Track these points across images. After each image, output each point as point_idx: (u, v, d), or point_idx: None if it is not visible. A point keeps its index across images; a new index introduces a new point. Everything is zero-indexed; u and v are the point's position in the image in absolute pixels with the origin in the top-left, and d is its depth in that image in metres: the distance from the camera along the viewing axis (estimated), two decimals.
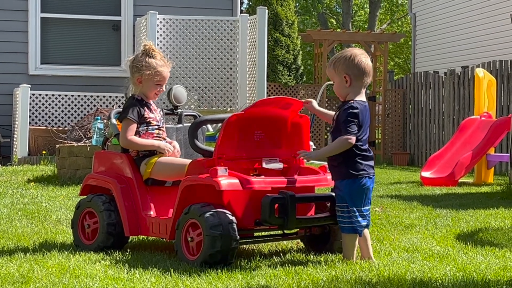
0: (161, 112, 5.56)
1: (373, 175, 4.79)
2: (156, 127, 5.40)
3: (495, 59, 14.81)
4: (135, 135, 5.31)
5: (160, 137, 5.42)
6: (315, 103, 5.01)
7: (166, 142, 5.41)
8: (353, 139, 4.62)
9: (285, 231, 5.11)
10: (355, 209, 4.69)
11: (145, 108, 5.38)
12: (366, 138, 4.76)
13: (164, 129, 5.51)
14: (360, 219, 4.70)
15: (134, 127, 5.30)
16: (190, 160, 5.08)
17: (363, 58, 4.74)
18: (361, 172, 4.69)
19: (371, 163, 4.77)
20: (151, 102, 5.47)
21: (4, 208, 7.46)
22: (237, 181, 4.68)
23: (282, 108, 5.03)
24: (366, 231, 4.80)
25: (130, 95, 5.46)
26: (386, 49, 18.25)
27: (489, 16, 19.12)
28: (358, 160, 4.69)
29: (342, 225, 4.75)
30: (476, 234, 6.09)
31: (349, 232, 4.73)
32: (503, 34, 17.73)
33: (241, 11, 16.41)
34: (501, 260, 4.82)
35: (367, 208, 4.77)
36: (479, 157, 11.19)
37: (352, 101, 4.69)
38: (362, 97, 4.75)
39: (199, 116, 5.55)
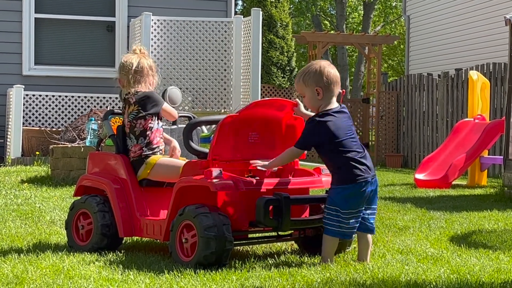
0: None
1: (372, 178, 4.73)
2: (162, 124, 5.54)
3: (489, 62, 14.84)
4: (148, 130, 5.36)
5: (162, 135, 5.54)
6: (301, 106, 5.02)
7: (165, 140, 5.50)
8: (298, 151, 4.73)
9: (280, 233, 5.11)
10: (346, 211, 4.67)
11: None
12: (353, 141, 4.72)
13: None
14: (351, 221, 4.68)
15: None
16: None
17: (331, 69, 4.81)
18: (358, 178, 4.67)
19: (368, 164, 4.72)
20: None
21: None
22: (231, 182, 4.68)
23: (277, 109, 5.04)
24: (369, 236, 4.81)
25: (133, 92, 5.43)
26: (380, 51, 18.28)
27: (483, 19, 19.16)
28: (352, 166, 4.67)
29: (328, 227, 4.72)
30: (469, 236, 6.10)
31: (333, 236, 4.71)
32: (497, 36, 17.76)
33: (236, 13, 16.43)
34: (495, 262, 4.83)
35: (368, 212, 4.77)
36: (472, 159, 11.21)
37: (319, 115, 4.73)
38: (333, 105, 4.78)
39: (194, 118, 5.56)
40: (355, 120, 18.26)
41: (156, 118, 5.43)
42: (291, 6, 37.73)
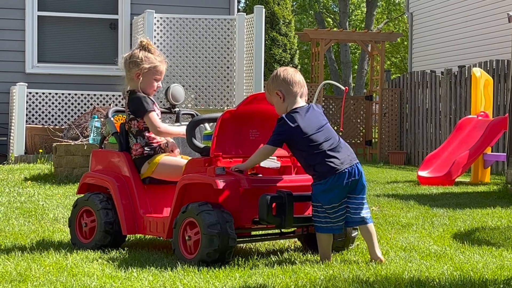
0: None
1: (350, 168, 4.70)
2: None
3: (492, 59, 14.82)
4: (144, 131, 5.32)
5: None
6: None
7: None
8: (271, 148, 4.75)
9: (283, 230, 5.12)
10: (329, 206, 4.68)
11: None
12: (323, 135, 4.73)
13: None
14: (337, 215, 4.69)
15: (157, 116, 5.33)
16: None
17: (289, 71, 4.88)
18: (332, 171, 4.66)
19: (342, 156, 4.71)
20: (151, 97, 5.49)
21: (1, 207, 7.46)
22: (234, 179, 4.68)
23: None
24: (368, 227, 4.77)
25: (128, 91, 5.43)
26: (383, 49, 18.26)
27: (486, 16, 19.14)
28: (325, 161, 4.67)
29: (317, 225, 4.73)
30: (473, 233, 6.10)
31: (323, 232, 4.73)
32: (500, 33, 17.74)
33: (238, 10, 16.41)
34: (498, 259, 4.83)
35: (354, 202, 4.75)
36: (475, 156, 11.20)
37: (286, 114, 4.76)
38: (299, 104, 4.82)
39: (197, 115, 5.56)
40: (358, 117, 18.26)
41: None
42: (294, 4, 37.72)
